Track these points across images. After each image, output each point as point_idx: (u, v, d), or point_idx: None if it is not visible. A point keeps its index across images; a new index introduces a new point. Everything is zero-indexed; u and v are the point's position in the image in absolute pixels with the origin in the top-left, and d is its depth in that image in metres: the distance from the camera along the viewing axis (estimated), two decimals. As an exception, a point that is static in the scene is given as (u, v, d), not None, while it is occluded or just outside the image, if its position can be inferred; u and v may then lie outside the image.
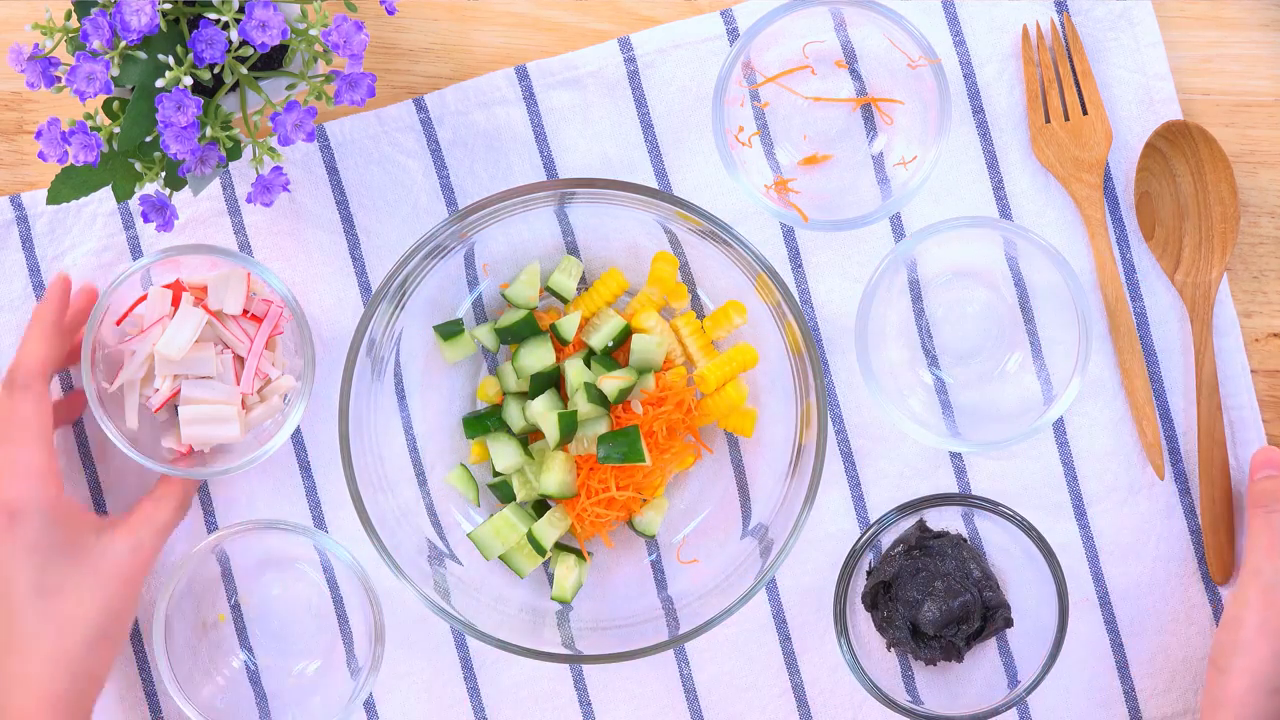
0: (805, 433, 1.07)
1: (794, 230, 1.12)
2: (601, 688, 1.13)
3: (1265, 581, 1.04)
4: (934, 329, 1.12)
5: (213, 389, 1.07)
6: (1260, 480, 1.08)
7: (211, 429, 1.07)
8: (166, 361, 1.06)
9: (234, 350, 1.07)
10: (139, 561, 1.04)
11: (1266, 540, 1.05)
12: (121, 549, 1.03)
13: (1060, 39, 1.11)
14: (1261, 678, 1.02)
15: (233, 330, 1.07)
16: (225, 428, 1.07)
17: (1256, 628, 1.03)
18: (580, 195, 1.05)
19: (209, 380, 1.07)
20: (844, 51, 1.11)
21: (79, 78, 0.95)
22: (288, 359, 1.09)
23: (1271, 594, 1.04)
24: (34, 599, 1.00)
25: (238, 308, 1.07)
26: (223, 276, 1.07)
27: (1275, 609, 1.03)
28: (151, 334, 1.06)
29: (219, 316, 1.08)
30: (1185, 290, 1.11)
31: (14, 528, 1.01)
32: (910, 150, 1.09)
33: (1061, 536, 1.12)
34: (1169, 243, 1.11)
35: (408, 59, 1.12)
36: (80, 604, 1.01)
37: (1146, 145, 1.10)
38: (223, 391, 1.07)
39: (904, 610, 1.09)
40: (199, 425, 1.06)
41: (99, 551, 1.02)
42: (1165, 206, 1.11)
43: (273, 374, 1.08)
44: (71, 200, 0.99)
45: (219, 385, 1.07)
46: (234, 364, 1.07)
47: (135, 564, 1.03)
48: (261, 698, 1.12)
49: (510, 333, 1.10)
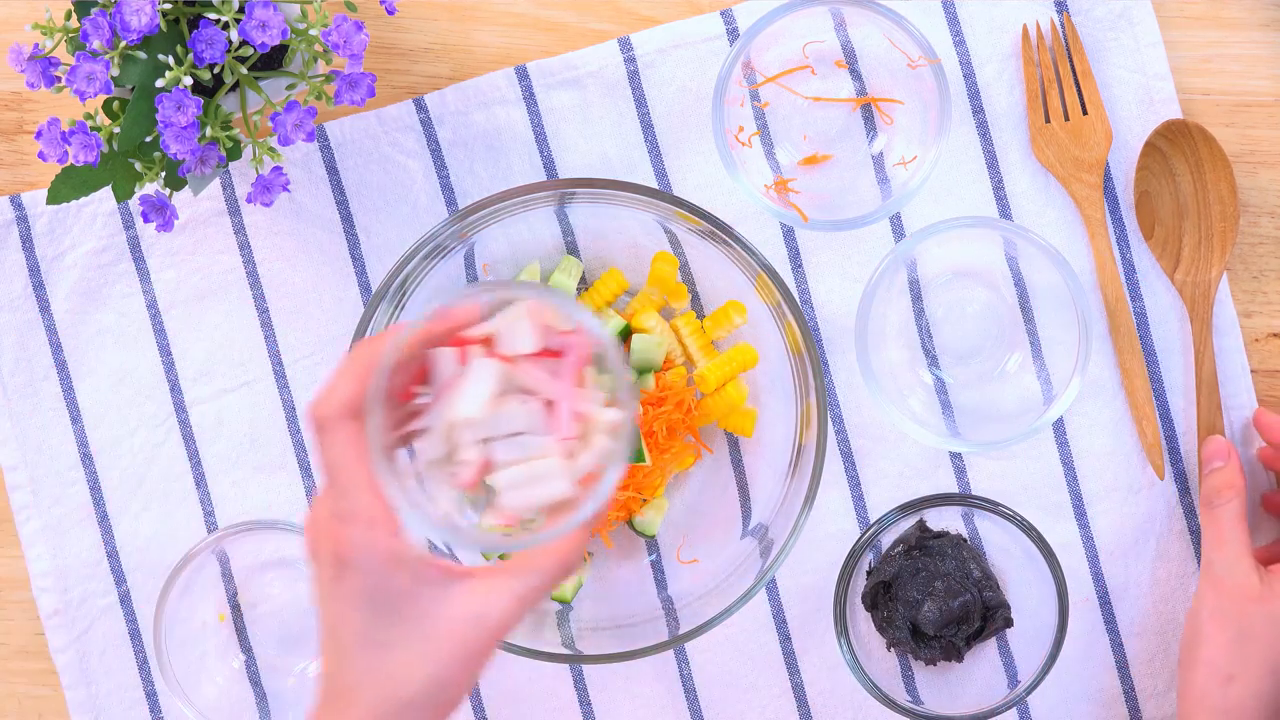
0: (805, 433, 1.07)
1: (794, 230, 1.12)
2: (601, 688, 1.13)
3: (1215, 574, 1.05)
4: (934, 329, 1.12)
5: (525, 446, 0.90)
6: (1208, 474, 1.09)
7: (536, 490, 0.90)
8: (467, 427, 0.89)
9: (542, 396, 0.90)
10: (483, 633, 0.86)
11: (1213, 533, 1.06)
12: (465, 613, 0.87)
13: (1060, 39, 1.11)
14: (1216, 667, 1.04)
15: (532, 373, 0.90)
16: (551, 485, 0.90)
17: (1209, 618, 1.05)
18: (580, 195, 1.05)
19: (520, 436, 0.90)
20: (844, 51, 1.11)
21: (79, 78, 0.95)
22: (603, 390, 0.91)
23: (1221, 584, 1.05)
24: (362, 649, 0.87)
25: (532, 346, 0.90)
26: (509, 316, 0.90)
27: (1226, 597, 1.04)
28: (443, 402, 0.89)
29: (513, 361, 0.91)
30: (1185, 289, 1.11)
31: (342, 578, 0.87)
32: (910, 150, 1.09)
33: (1061, 536, 1.12)
34: (1168, 242, 1.11)
35: (408, 59, 1.12)
36: (408, 665, 0.87)
37: (1146, 144, 1.10)
38: (537, 446, 0.90)
39: (904, 610, 1.09)
40: (521, 490, 0.90)
41: (437, 611, 0.87)
42: (1165, 206, 1.11)
43: (592, 412, 0.91)
44: (71, 200, 0.99)
45: (532, 440, 0.90)
46: (544, 411, 0.90)
47: (478, 635, 0.86)
48: (261, 698, 1.12)
49: (510, 333, 1.09)
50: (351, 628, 0.87)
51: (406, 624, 0.87)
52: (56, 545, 1.12)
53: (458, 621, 0.86)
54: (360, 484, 0.87)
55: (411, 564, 0.87)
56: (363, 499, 0.87)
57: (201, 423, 1.12)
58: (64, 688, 1.12)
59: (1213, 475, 1.08)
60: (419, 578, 0.87)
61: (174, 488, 1.12)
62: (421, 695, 0.86)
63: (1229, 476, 1.08)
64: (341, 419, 0.87)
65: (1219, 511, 1.07)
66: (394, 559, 0.87)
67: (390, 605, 0.87)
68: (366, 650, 0.87)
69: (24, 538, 1.12)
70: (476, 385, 0.88)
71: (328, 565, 0.87)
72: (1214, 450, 1.09)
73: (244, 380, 1.12)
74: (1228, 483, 1.07)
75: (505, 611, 0.87)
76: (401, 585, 0.87)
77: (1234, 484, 1.07)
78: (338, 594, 0.87)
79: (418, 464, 0.90)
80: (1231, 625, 1.04)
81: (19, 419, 1.12)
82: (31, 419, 1.12)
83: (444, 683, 0.87)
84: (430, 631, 0.87)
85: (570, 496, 0.89)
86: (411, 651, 0.86)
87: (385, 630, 0.87)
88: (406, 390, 0.89)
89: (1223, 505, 1.07)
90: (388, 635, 0.87)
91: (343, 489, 0.87)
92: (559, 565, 0.89)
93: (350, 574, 0.86)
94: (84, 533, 1.12)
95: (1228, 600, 1.05)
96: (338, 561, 0.87)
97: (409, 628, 0.87)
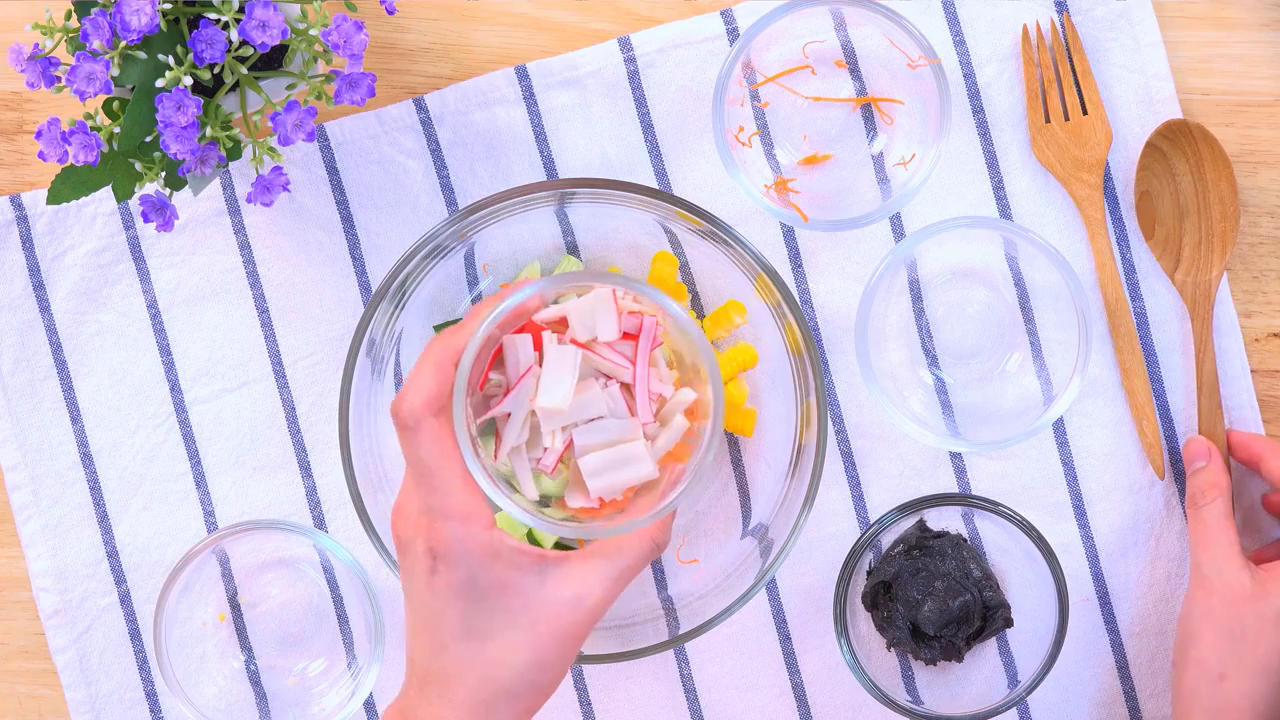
0: (805, 433, 1.07)
1: (794, 230, 1.12)
2: (601, 688, 1.13)
3: (1203, 574, 1.05)
4: (934, 329, 1.12)
5: (608, 430, 0.95)
6: (1192, 474, 1.09)
7: (621, 473, 0.95)
8: (552, 415, 0.93)
9: (618, 379, 0.95)
10: (581, 614, 0.91)
11: (1200, 534, 1.07)
12: (563, 596, 0.90)
13: (1060, 39, 1.11)
14: (1207, 665, 1.04)
15: (609, 357, 0.94)
16: (636, 468, 0.95)
17: (1199, 618, 1.05)
18: (580, 195, 1.05)
19: (601, 421, 0.94)
20: (844, 51, 1.11)
21: (79, 78, 0.95)
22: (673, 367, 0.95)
23: (1210, 584, 1.05)
24: (461, 640, 0.90)
25: (614, 332, 0.94)
26: (586, 302, 0.95)
27: (1216, 597, 1.05)
28: (523, 389, 0.93)
29: (589, 347, 0.95)
30: (1185, 289, 1.11)
31: (437, 571, 0.90)
32: (910, 150, 1.09)
33: (1061, 536, 1.12)
34: (1169, 242, 1.11)
35: (408, 59, 1.12)
36: (508, 650, 0.90)
37: (1147, 145, 1.10)
38: (620, 429, 0.94)
39: (904, 610, 1.09)
40: (607, 474, 0.95)
41: (536, 597, 0.90)
42: (1165, 206, 1.11)
43: (666, 392, 0.96)
44: (71, 200, 0.99)
45: (614, 423, 0.94)
46: (622, 394, 0.95)
47: (576, 617, 0.90)
48: (261, 698, 1.12)
49: (511, 333, 1.09)
50: (450, 620, 0.89)
51: (507, 613, 0.90)
52: (56, 545, 1.12)
53: (556, 605, 0.90)
54: (452, 479, 0.89)
55: (507, 554, 0.90)
56: (456, 494, 0.89)
57: (201, 423, 1.12)
58: (64, 688, 1.12)
59: (1196, 475, 1.09)
60: (515, 566, 0.90)
61: (174, 488, 1.12)
62: (523, 679, 0.90)
63: (1212, 476, 1.08)
64: (426, 416, 0.89)
65: (1204, 512, 1.07)
66: (490, 551, 0.89)
67: (489, 595, 0.89)
68: (466, 640, 0.89)
69: (24, 538, 1.12)
70: (558, 373, 0.92)
71: (422, 560, 0.89)
72: (1195, 451, 1.09)
73: (244, 380, 1.12)
74: (1211, 482, 1.08)
75: (602, 592, 0.91)
76: (499, 576, 0.89)
77: (1218, 483, 1.08)
78: (434, 587, 0.90)
79: (501, 452, 0.94)
80: (1221, 624, 1.04)
81: (19, 419, 1.12)
82: (31, 419, 1.12)
83: (544, 665, 0.90)
84: (530, 617, 0.90)
85: (654, 477, 0.93)
86: (512, 638, 0.89)
87: (485, 620, 0.89)
88: (482, 378, 0.92)
89: (1207, 505, 1.07)
90: (489, 624, 0.89)
91: (434, 485, 0.89)
92: (650, 544, 0.93)
93: (447, 568, 0.89)
94: (84, 533, 1.12)
95: (1217, 600, 1.05)
96: (433, 556, 0.89)
97: (509, 616, 0.90)
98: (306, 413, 1.12)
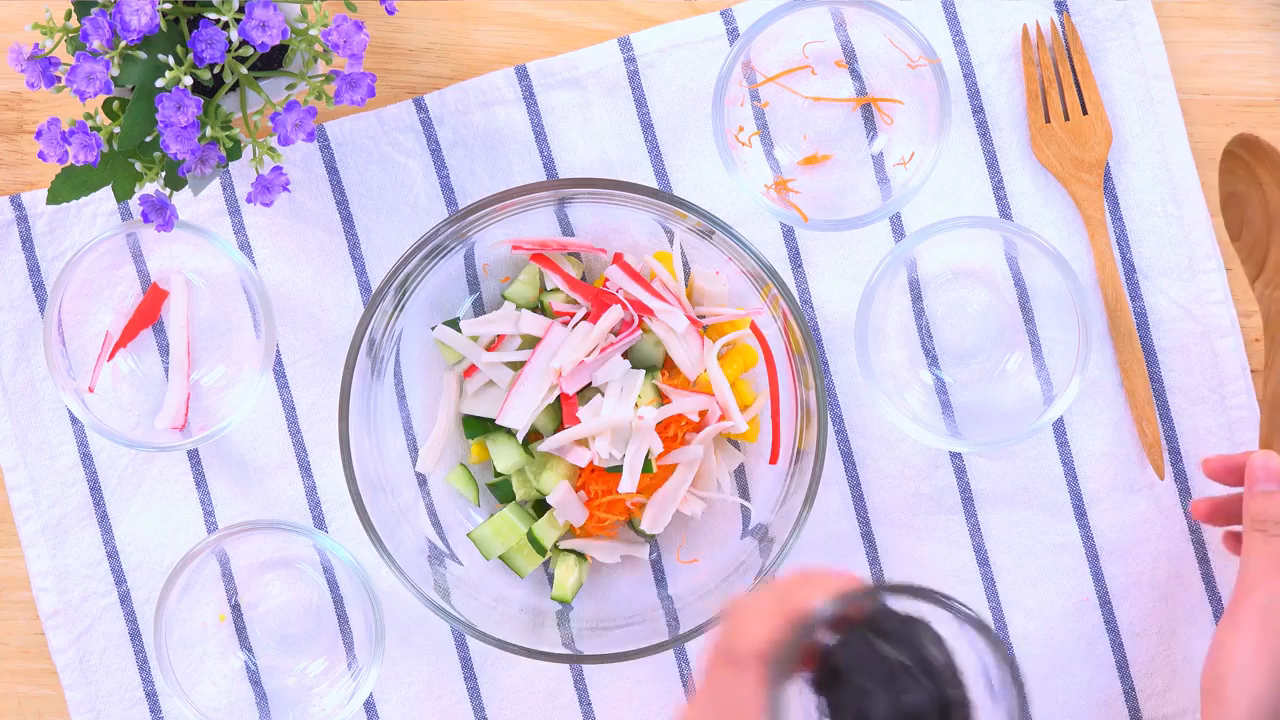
0: (805, 433, 1.07)
1: (794, 230, 1.12)
2: (601, 688, 1.13)
3: (1260, 602, 0.99)
4: (934, 329, 1.12)
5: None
6: (1259, 494, 1.01)
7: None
8: None
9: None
10: None
11: (1264, 562, 1.00)
12: None
13: (1060, 39, 1.11)
14: (1262, 706, 0.97)
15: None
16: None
17: (1253, 650, 0.98)
18: (580, 195, 1.05)
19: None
20: (844, 51, 1.11)
21: (79, 78, 0.95)
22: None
23: (1269, 616, 0.99)
24: None
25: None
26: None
27: (1273, 632, 0.98)
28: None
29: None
30: (1263, 301, 1.07)
31: None
32: (910, 150, 1.09)
33: (1061, 536, 1.12)
34: (1255, 248, 1.07)
35: (408, 59, 1.12)
36: None
37: (1226, 151, 1.07)
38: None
39: (852, 699, 0.98)
40: None
41: None
42: (1255, 211, 1.07)
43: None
44: (71, 200, 0.99)
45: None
46: None
47: None
48: (261, 698, 1.12)
49: (510, 333, 1.09)
50: None
51: None
52: (56, 545, 1.12)
53: None
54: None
55: None
56: None
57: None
58: (64, 688, 1.12)
59: (1268, 499, 1.01)
60: None
61: (174, 488, 1.12)
62: None
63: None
64: (756, 661, 0.85)
65: (1276, 543, 0.99)
66: None
67: None
68: None
69: (24, 538, 1.12)
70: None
71: None
72: (1265, 471, 1.01)
73: (244, 380, 1.12)
74: None
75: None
76: None
77: None
78: None
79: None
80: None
81: (19, 419, 1.12)
82: (31, 419, 1.12)
83: None
84: None
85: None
86: None
87: None
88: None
89: (1279, 537, 0.99)
90: None
91: None
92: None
93: None
94: (84, 533, 1.12)
95: (1273, 637, 0.98)
96: None
97: None
98: (306, 413, 1.12)
